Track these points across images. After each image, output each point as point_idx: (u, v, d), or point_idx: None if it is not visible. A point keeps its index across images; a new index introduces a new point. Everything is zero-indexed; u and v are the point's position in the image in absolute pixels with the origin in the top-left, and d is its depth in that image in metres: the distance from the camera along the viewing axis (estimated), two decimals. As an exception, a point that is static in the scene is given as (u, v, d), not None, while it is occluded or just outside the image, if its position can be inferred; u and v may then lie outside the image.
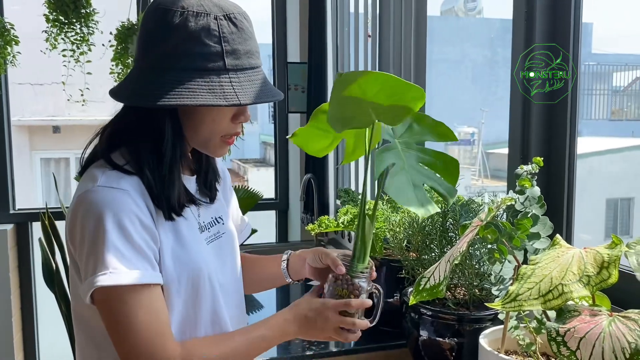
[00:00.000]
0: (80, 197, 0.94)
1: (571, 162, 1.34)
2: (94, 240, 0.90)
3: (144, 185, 0.97)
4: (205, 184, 1.11)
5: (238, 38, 0.95)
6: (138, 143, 0.98)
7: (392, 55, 2.19)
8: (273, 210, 3.47)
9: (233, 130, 1.02)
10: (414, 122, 1.05)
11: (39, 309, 3.19)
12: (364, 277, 1.04)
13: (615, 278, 0.77)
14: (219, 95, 0.92)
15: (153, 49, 0.95)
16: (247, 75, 0.96)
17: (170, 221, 1.00)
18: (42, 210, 2.82)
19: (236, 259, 1.17)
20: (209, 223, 1.10)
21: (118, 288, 0.90)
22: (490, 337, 1.12)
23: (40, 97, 8.15)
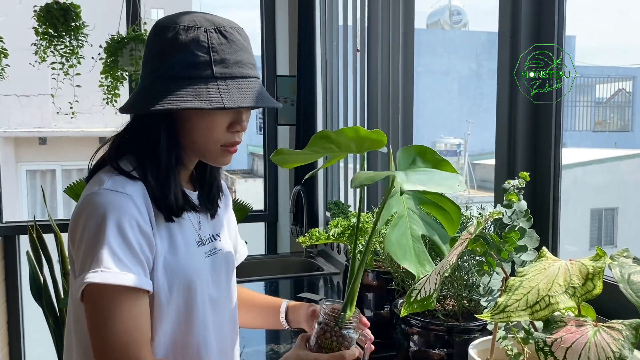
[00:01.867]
0: (86, 198, 0.97)
1: (556, 176, 1.38)
2: (93, 239, 0.93)
3: (147, 191, 1.00)
4: (208, 199, 1.13)
5: (227, 49, 0.98)
6: (140, 150, 1.03)
7: (380, 68, 2.22)
8: (262, 222, 3.48)
9: (231, 139, 1.04)
10: (417, 156, 1.05)
11: (26, 323, 3.16)
12: (352, 326, 1.04)
13: (600, 289, 0.80)
14: (204, 100, 0.95)
15: (149, 63, 1.01)
16: (236, 83, 0.98)
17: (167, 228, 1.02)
18: (30, 223, 2.80)
19: (230, 276, 1.18)
20: (207, 239, 1.12)
21: (106, 287, 0.92)
22: (479, 347, 1.13)
23: (27, 109, 8.10)
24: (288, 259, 2.86)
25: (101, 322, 0.93)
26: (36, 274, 2.76)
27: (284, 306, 1.26)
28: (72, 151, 8.36)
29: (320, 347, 1.03)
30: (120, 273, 0.92)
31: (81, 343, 1.02)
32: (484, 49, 7.50)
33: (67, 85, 2.79)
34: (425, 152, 1.04)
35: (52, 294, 2.78)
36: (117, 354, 0.92)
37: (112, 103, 2.83)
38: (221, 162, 1.08)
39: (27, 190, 8.61)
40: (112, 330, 0.92)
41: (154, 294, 0.99)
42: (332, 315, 1.03)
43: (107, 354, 0.93)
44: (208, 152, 1.05)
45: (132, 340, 0.93)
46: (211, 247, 1.12)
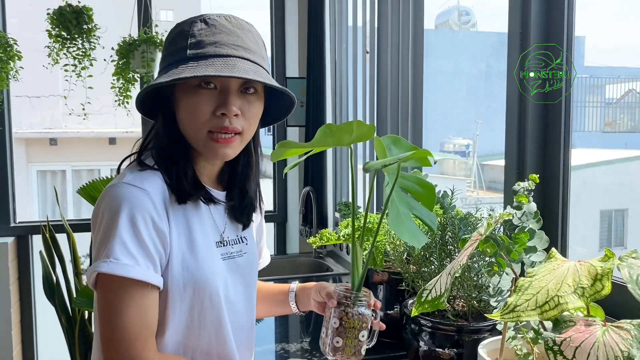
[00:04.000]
0: (107, 190, 1.00)
1: (565, 178, 1.38)
2: (107, 229, 0.96)
3: (165, 184, 1.03)
4: (240, 208, 1.14)
5: (205, 32, 1.01)
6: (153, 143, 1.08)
7: (389, 69, 2.23)
8: (272, 222, 3.50)
9: (220, 123, 1.00)
10: (391, 145, 1.11)
11: (39, 321, 3.20)
12: (365, 303, 1.09)
13: (609, 290, 0.81)
14: (167, 77, 0.97)
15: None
16: (209, 61, 0.97)
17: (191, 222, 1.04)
18: (43, 223, 2.84)
19: (251, 280, 1.18)
20: (233, 240, 1.13)
21: (115, 278, 0.94)
22: (488, 347, 1.14)
23: (37, 110, 8.18)
24: (297, 259, 2.88)
25: (109, 312, 0.96)
26: (49, 274, 2.79)
27: (293, 286, 1.28)
28: (82, 152, 8.43)
29: (344, 327, 1.07)
30: (129, 265, 0.94)
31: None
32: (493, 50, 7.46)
33: (78, 87, 2.83)
34: (399, 141, 1.12)
35: (65, 293, 2.81)
36: (123, 345, 0.95)
37: (123, 105, 2.86)
38: (211, 153, 1.03)
39: (37, 191, 8.68)
40: (119, 321, 0.95)
41: (168, 290, 1.01)
42: (348, 296, 1.08)
43: (112, 344, 0.95)
44: (197, 139, 1.03)
45: (137, 332, 0.95)
46: (238, 249, 1.14)
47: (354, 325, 1.07)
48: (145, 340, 0.97)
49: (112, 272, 0.94)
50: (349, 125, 0.99)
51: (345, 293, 1.09)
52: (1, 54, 2.61)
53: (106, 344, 0.97)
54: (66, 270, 2.82)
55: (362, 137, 1.03)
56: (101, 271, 0.94)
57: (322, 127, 1.00)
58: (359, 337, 1.07)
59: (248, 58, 1.00)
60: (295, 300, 1.28)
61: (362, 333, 1.08)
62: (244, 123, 1.03)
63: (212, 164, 1.11)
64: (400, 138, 1.12)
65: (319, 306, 1.22)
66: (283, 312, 1.33)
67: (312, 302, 1.23)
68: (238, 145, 1.05)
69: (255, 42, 1.05)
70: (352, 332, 1.07)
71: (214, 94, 1.00)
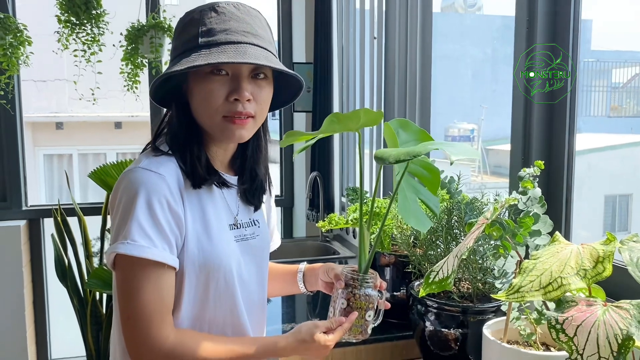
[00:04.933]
0: (124, 175, 1.05)
1: (570, 164, 1.41)
2: (124, 213, 1.00)
3: (179, 169, 1.07)
4: (250, 192, 1.18)
5: (216, 20, 1.03)
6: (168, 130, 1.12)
7: (397, 54, 2.24)
8: (279, 206, 3.54)
9: (232, 108, 1.04)
10: (399, 129, 1.13)
11: (51, 303, 3.26)
12: (372, 284, 1.13)
13: (610, 272, 0.85)
14: (181, 65, 1.00)
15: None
16: (220, 48, 1.01)
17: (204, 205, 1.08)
18: (54, 207, 2.89)
19: (264, 261, 1.23)
20: (246, 223, 1.17)
21: (132, 259, 0.98)
22: (493, 327, 1.18)
23: (43, 94, 8.20)
24: (304, 243, 2.93)
25: (127, 291, 1.00)
26: (61, 257, 2.85)
27: (301, 267, 1.33)
28: (88, 136, 8.47)
29: (351, 307, 1.11)
30: (146, 247, 0.98)
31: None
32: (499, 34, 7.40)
33: (84, 72, 2.85)
34: (407, 125, 1.14)
35: (77, 275, 2.86)
36: (141, 323, 0.99)
37: (132, 90, 2.89)
38: (227, 135, 1.07)
39: (44, 175, 8.74)
40: (136, 300, 0.99)
41: (184, 271, 1.05)
42: (356, 278, 1.12)
43: (131, 322, 1.00)
44: (213, 124, 1.07)
45: (154, 310, 1.00)
46: (251, 231, 1.18)
47: (361, 305, 1.11)
48: (162, 317, 1.01)
49: (130, 253, 0.98)
50: (355, 113, 1.02)
51: (352, 275, 1.12)
52: (12, 40, 2.63)
53: (125, 322, 1.01)
54: (78, 252, 2.87)
55: (369, 122, 1.05)
56: (119, 252, 0.98)
57: (329, 116, 1.03)
58: (366, 317, 1.12)
59: (257, 44, 1.04)
60: (303, 280, 1.32)
61: (368, 313, 1.12)
62: (256, 107, 1.07)
63: (225, 148, 1.15)
64: (408, 122, 1.15)
65: (326, 286, 1.26)
66: (291, 291, 1.37)
67: (319, 282, 1.27)
68: (252, 127, 1.09)
69: (263, 28, 1.08)
70: (359, 312, 1.11)
71: (226, 80, 1.04)
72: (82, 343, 2.90)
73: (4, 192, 3.08)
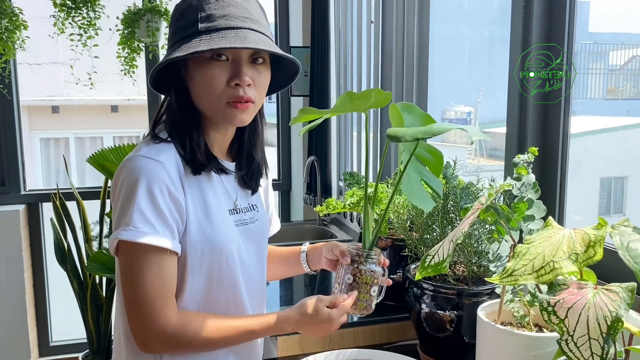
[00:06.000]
0: (124, 163, 1.06)
1: (564, 149, 1.43)
2: (126, 200, 1.02)
3: (179, 157, 1.08)
4: (247, 175, 1.20)
5: (214, 5, 1.04)
6: (167, 116, 1.13)
7: (394, 38, 2.25)
8: (277, 190, 3.56)
9: (234, 93, 1.05)
10: (404, 112, 1.14)
11: (51, 286, 3.29)
12: (376, 260, 1.15)
13: (600, 255, 0.87)
14: (183, 51, 1.01)
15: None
16: (220, 34, 1.02)
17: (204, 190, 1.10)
18: (53, 191, 2.90)
19: (263, 245, 1.26)
20: (245, 207, 1.19)
21: (135, 245, 1.01)
22: (487, 310, 1.21)
23: (38, 77, 8.15)
24: (302, 227, 2.95)
25: (131, 276, 1.03)
26: (60, 241, 2.87)
27: (304, 247, 1.35)
28: (84, 120, 8.43)
29: (356, 283, 1.14)
30: (147, 233, 1.00)
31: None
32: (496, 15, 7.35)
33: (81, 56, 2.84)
34: (412, 108, 1.15)
35: (76, 259, 2.89)
36: (144, 307, 1.02)
37: (129, 74, 2.89)
38: (231, 119, 1.08)
39: (40, 158, 8.73)
40: (140, 285, 1.02)
41: (187, 256, 1.07)
42: (361, 254, 1.14)
43: (135, 306, 1.03)
44: (215, 110, 1.08)
45: (157, 295, 1.02)
46: (250, 216, 1.20)
47: (366, 281, 1.13)
48: (165, 301, 1.03)
49: (132, 239, 1.00)
50: (368, 92, 1.04)
51: (357, 251, 1.15)
52: (7, 24, 2.62)
53: (129, 307, 1.04)
54: (77, 236, 2.89)
55: (379, 103, 1.07)
56: (122, 238, 1.00)
57: (343, 94, 1.06)
58: (370, 292, 1.14)
59: (256, 29, 1.05)
60: (306, 259, 1.34)
61: (373, 288, 1.14)
62: (255, 92, 1.08)
63: (224, 133, 1.16)
64: (413, 105, 1.16)
65: (329, 264, 1.28)
66: (295, 272, 1.40)
67: (323, 260, 1.29)
68: (252, 111, 1.11)
69: (260, 13, 1.09)
70: (364, 287, 1.13)
71: (227, 66, 1.05)
72: (82, 326, 2.93)
73: (3, 176, 3.09)
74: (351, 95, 1.04)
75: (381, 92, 1.04)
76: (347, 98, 1.05)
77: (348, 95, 1.04)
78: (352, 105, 1.08)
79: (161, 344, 1.04)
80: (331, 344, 1.59)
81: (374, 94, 1.04)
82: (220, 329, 1.07)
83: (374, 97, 1.04)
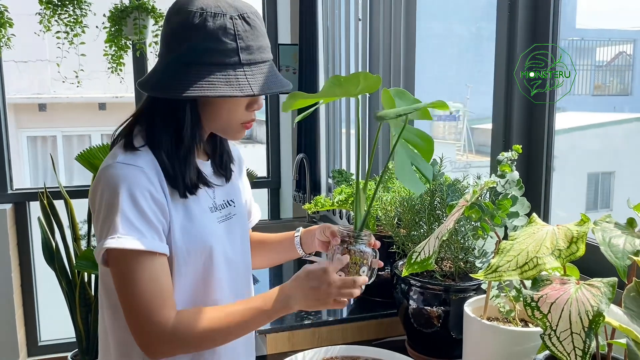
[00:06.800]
0: (101, 171, 1.05)
1: (549, 146, 1.44)
2: (108, 208, 1.02)
3: (159, 165, 1.08)
4: (221, 166, 1.22)
5: (251, 35, 1.05)
6: (159, 129, 1.09)
7: (382, 36, 2.26)
8: (265, 188, 3.56)
9: (249, 117, 1.12)
10: (396, 97, 1.15)
11: (39, 285, 3.28)
12: (366, 241, 1.16)
13: (583, 251, 0.88)
14: (235, 87, 1.02)
15: (177, 47, 1.04)
16: (259, 68, 1.06)
17: (184, 199, 1.10)
18: (40, 190, 2.88)
19: (245, 238, 1.27)
20: (221, 204, 1.20)
21: (125, 252, 1.01)
22: (474, 305, 1.22)
23: (25, 75, 8.07)
24: (292, 224, 2.96)
25: (125, 283, 1.03)
26: (48, 240, 2.85)
27: (297, 232, 1.36)
28: (72, 117, 8.37)
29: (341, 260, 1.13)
30: (135, 238, 1.00)
31: (109, 300, 1.12)
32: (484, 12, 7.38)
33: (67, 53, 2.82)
34: (404, 94, 1.16)
35: (64, 257, 2.87)
36: (143, 311, 1.02)
37: (117, 72, 2.87)
38: (239, 137, 1.17)
39: (28, 157, 8.65)
40: (135, 290, 1.02)
41: (173, 256, 1.08)
42: (351, 234, 1.15)
43: (134, 311, 1.03)
44: (229, 129, 1.13)
45: (154, 297, 1.02)
46: (226, 212, 1.21)
47: (355, 261, 1.14)
48: (162, 302, 1.03)
49: (121, 247, 0.99)
50: (355, 76, 1.05)
51: (348, 232, 1.16)
52: (-8, 22, 2.60)
53: (128, 314, 1.04)
54: (65, 235, 2.88)
55: (369, 88, 1.08)
56: (110, 247, 1.00)
57: (330, 78, 1.07)
58: (360, 273, 1.15)
59: (272, 58, 1.11)
60: (300, 243, 1.35)
61: (362, 269, 1.15)
62: None
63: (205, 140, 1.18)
64: (404, 91, 1.17)
65: (323, 245, 1.29)
66: (288, 257, 1.41)
67: (316, 241, 1.30)
68: None
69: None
70: (353, 267, 1.14)
71: None
72: (71, 325, 2.92)
73: (-11, 175, 3.06)
74: (338, 78, 1.05)
75: (369, 76, 1.05)
76: (335, 81, 1.06)
77: (335, 79, 1.06)
78: (341, 90, 1.09)
79: (166, 345, 1.04)
80: (320, 340, 1.60)
81: (362, 77, 1.05)
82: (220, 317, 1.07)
83: (362, 80, 1.05)
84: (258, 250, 1.38)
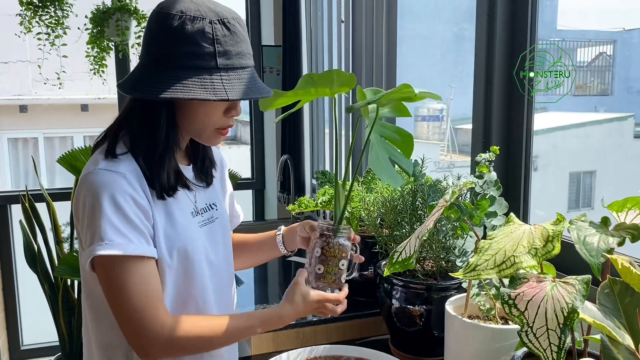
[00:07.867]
0: (83, 178, 1.05)
1: (528, 147, 1.47)
2: (92, 215, 1.01)
3: (140, 170, 1.07)
4: (202, 171, 1.22)
5: (230, 40, 1.04)
6: (137, 132, 1.09)
7: (364, 37, 2.27)
8: (250, 189, 3.56)
9: (226, 123, 1.11)
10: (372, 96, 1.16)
11: (21, 289, 3.24)
12: (345, 235, 1.17)
13: (558, 250, 0.90)
14: (209, 91, 1.01)
15: (154, 49, 1.04)
16: (237, 74, 1.05)
17: (162, 201, 1.10)
18: (22, 193, 2.85)
19: (227, 241, 1.27)
20: (202, 208, 1.20)
21: (113, 258, 1.00)
22: (455, 303, 1.24)
23: (6, 76, 7.97)
24: (276, 225, 2.95)
25: (115, 290, 1.02)
26: (30, 243, 2.82)
27: (280, 230, 1.37)
28: (54, 119, 8.28)
29: (325, 256, 1.16)
30: (122, 244, 1.00)
31: (92, 304, 1.12)
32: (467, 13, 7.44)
33: (49, 55, 2.80)
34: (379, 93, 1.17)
35: (47, 261, 2.85)
36: (136, 316, 1.02)
37: (99, 73, 2.86)
38: (214, 142, 1.16)
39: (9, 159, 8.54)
40: (126, 296, 1.02)
41: (158, 263, 1.08)
42: (330, 228, 1.16)
43: (126, 317, 1.03)
44: (204, 134, 1.12)
45: (146, 301, 1.02)
46: (208, 216, 1.21)
47: (334, 254, 1.15)
48: (154, 306, 1.03)
49: (109, 253, 0.99)
50: (328, 74, 1.07)
51: (327, 226, 1.17)
52: (-28, 23, 2.57)
53: (120, 319, 1.04)
54: (47, 238, 2.85)
55: (345, 85, 1.09)
56: (98, 254, 0.99)
57: (304, 75, 1.08)
58: (339, 266, 1.16)
59: (253, 65, 1.10)
60: (282, 241, 1.36)
61: (342, 262, 1.16)
62: None
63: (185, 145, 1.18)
64: (379, 89, 1.19)
65: (304, 241, 1.30)
66: (271, 256, 1.42)
67: (297, 238, 1.31)
68: None
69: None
70: (332, 260, 1.15)
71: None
72: (54, 329, 2.89)
73: (-31, 178, 3.02)
74: (312, 76, 1.07)
75: (342, 73, 1.07)
76: (309, 79, 1.07)
77: (309, 77, 1.07)
78: (316, 90, 1.10)
79: (160, 349, 1.04)
80: (304, 340, 1.61)
81: (335, 74, 1.06)
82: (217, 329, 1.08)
83: (335, 77, 1.06)
84: (240, 251, 1.38)
